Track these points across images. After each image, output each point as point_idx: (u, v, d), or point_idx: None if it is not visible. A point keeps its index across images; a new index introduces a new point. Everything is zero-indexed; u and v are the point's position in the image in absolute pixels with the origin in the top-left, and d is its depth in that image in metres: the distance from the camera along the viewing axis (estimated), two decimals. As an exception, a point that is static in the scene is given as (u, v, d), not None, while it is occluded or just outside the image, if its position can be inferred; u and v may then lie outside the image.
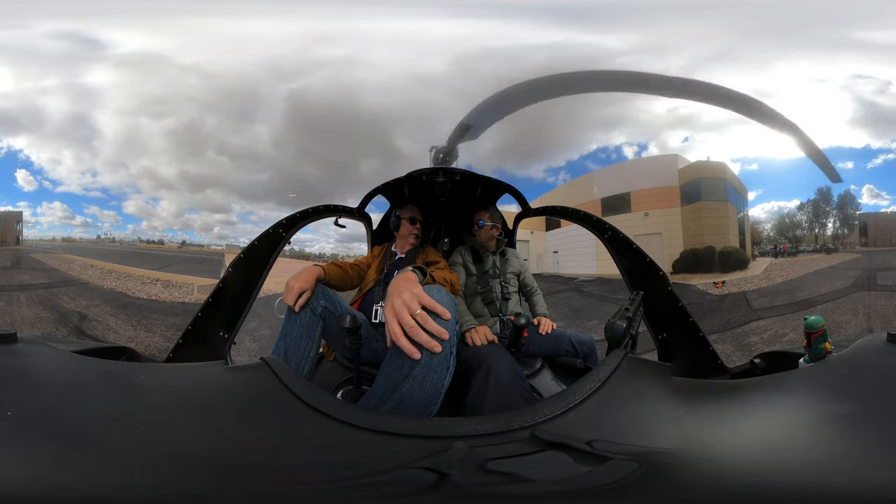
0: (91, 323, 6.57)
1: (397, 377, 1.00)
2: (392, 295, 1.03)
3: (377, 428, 0.73)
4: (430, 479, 0.56)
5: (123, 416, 0.72)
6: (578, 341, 2.03)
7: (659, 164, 10.92)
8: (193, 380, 0.96)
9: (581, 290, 9.11)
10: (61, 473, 0.55)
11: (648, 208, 10.15)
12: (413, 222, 2.13)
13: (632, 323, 1.20)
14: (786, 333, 5.92)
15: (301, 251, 9.32)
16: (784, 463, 0.58)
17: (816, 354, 1.13)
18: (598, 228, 2.15)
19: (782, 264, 9.48)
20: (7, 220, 9.84)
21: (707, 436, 0.73)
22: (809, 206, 10.37)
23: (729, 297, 7.98)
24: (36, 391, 0.76)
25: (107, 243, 11.95)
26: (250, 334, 4.92)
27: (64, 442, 0.62)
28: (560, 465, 0.63)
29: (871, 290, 7.37)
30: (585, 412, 0.78)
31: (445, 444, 0.65)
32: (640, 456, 0.61)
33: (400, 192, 2.31)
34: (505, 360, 1.47)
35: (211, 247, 12.57)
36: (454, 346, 1.02)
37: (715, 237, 9.58)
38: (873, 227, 9.53)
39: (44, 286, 7.89)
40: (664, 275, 1.92)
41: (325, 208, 2.17)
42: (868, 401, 0.72)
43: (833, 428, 0.66)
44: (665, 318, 1.86)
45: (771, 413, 0.77)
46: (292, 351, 1.48)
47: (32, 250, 9.83)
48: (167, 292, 8.22)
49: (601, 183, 10.97)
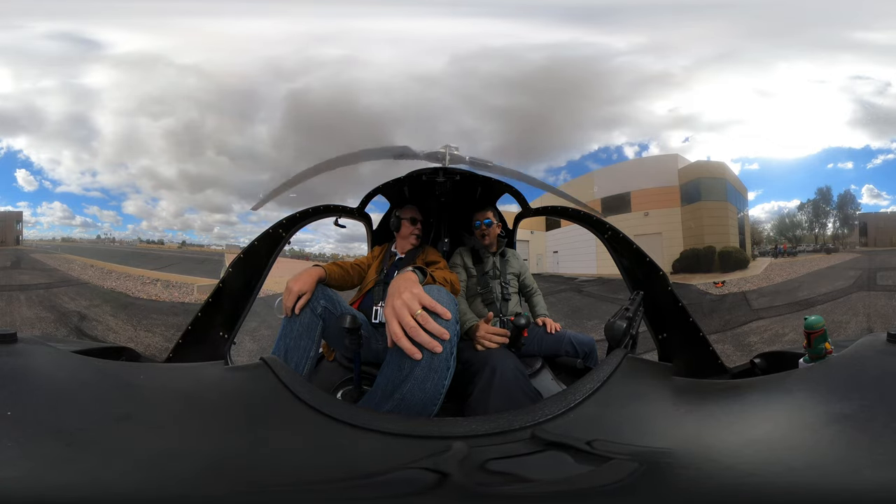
0: (91, 323, 6.57)
1: (398, 377, 1.00)
2: (392, 295, 1.03)
3: (377, 428, 0.72)
4: (430, 480, 0.56)
5: (123, 416, 0.72)
6: (578, 341, 2.03)
7: (659, 164, 10.93)
8: (193, 380, 0.96)
9: (581, 290, 9.11)
10: (61, 473, 0.55)
11: (648, 208, 10.15)
12: (414, 222, 2.13)
13: (632, 323, 1.20)
14: (786, 333, 5.92)
15: (301, 251, 9.32)
16: (784, 463, 0.58)
17: (816, 354, 1.13)
18: (598, 228, 2.15)
19: (782, 264, 9.48)
20: (7, 220, 9.85)
21: (707, 436, 0.73)
22: (809, 206, 10.38)
23: (729, 296, 7.99)
24: (36, 391, 0.76)
25: (107, 243, 11.95)
26: (250, 334, 4.92)
27: (64, 442, 0.62)
28: (560, 466, 0.63)
29: (871, 290, 7.37)
30: (585, 412, 0.78)
31: (445, 445, 0.65)
32: (641, 456, 0.61)
33: (400, 192, 2.31)
34: (509, 360, 1.47)
35: (211, 247, 12.58)
36: (455, 346, 1.02)
37: (715, 237, 9.58)
38: (873, 227, 9.53)
39: (44, 286, 7.89)
40: (664, 275, 1.92)
41: (325, 208, 2.17)
42: (868, 401, 0.72)
43: (833, 428, 0.66)
44: (665, 318, 1.85)
45: (771, 413, 0.77)
46: (292, 351, 1.48)
47: (32, 250, 9.83)
48: (167, 292, 8.22)
49: (601, 183, 10.97)
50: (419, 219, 2.15)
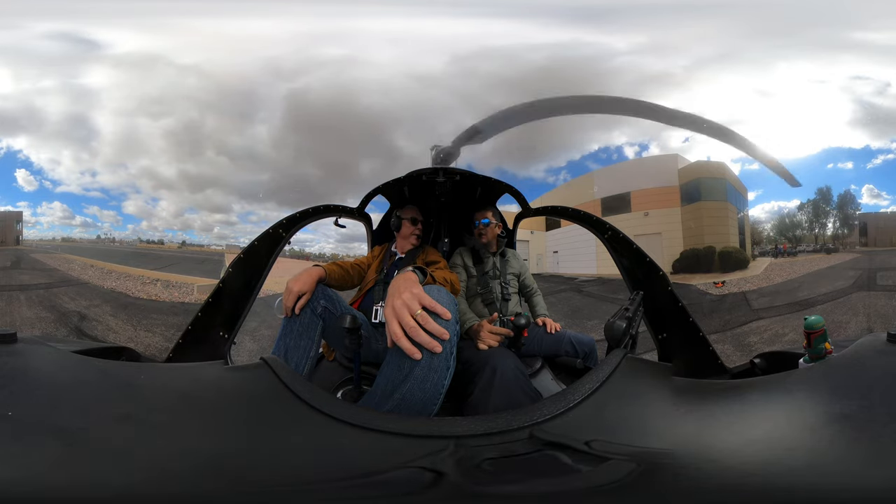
0: (91, 323, 6.57)
1: (398, 377, 1.00)
2: (392, 295, 1.03)
3: (377, 427, 0.72)
4: (429, 479, 0.56)
5: (123, 416, 0.72)
6: (578, 341, 2.03)
7: (659, 164, 10.91)
8: (193, 380, 0.96)
9: (581, 290, 9.11)
10: (61, 473, 0.55)
11: (648, 208, 10.14)
12: (414, 222, 2.13)
13: (632, 323, 1.20)
14: (786, 333, 5.92)
15: (301, 251, 9.30)
16: (784, 463, 0.58)
17: (816, 354, 1.13)
18: (598, 228, 2.15)
19: (782, 264, 9.47)
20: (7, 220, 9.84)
21: (707, 436, 0.73)
22: (809, 206, 10.37)
23: (729, 297, 7.98)
24: (36, 391, 0.76)
25: (107, 243, 11.95)
26: (250, 334, 4.91)
27: (64, 442, 0.62)
28: (558, 465, 0.63)
29: (871, 290, 7.37)
30: (585, 412, 0.78)
31: (444, 444, 0.65)
32: (640, 456, 0.61)
33: (400, 192, 2.31)
34: (509, 360, 1.47)
35: (211, 247, 12.57)
36: (455, 346, 1.02)
37: (715, 237, 9.57)
38: (873, 227, 9.53)
39: (44, 286, 7.89)
40: (664, 275, 1.92)
41: (325, 208, 2.17)
42: (868, 401, 0.72)
43: (833, 428, 0.66)
44: (665, 318, 1.86)
45: (771, 413, 0.77)
46: (292, 351, 1.48)
47: (32, 250, 9.83)
48: (167, 292, 8.22)
49: (601, 183, 10.96)
50: (420, 219, 2.15)
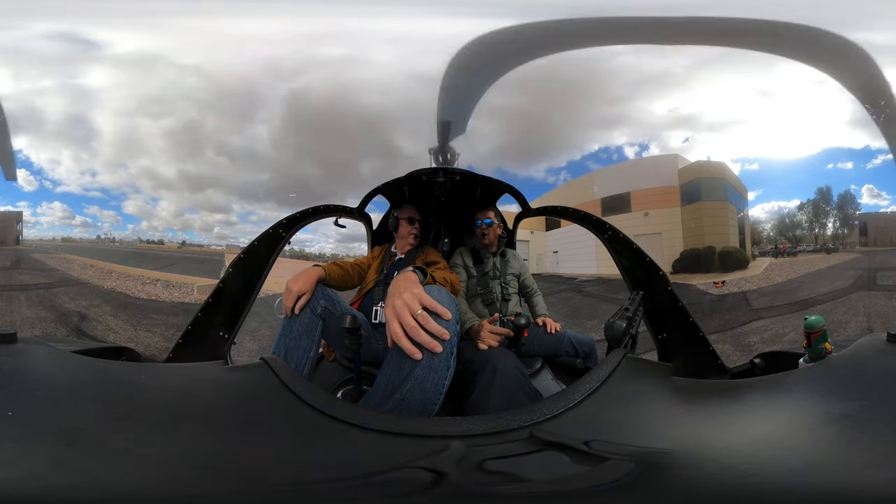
0: (91, 323, 6.56)
1: (398, 377, 1.00)
2: (393, 295, 1.03)
3: (377, 427, 0.72)
4: (428, 479, 0.56)
5: (123, 416, 0.72)
6: (578, 341, 2.03)
7: (659, 164, 10.90)
8: (193, 380, 0.96)
9: (581, 290, 9.09)
10: (61, 473, 0.55)
11: (648, 208, 10.13)
12: (412, 222, 2.13)
13: (632, 323, 1.20)
14: (786, 333, 5.90)
15: (301, 251, 9.29)
16: (784, 463, 0.58)
17: (816, 354, 1.13)
18: (598, 228, 2.15)
19: (782, 264, 9.45)
20: (7, 220, 9.82)
21: (707, 436, 0.73)
22: (809, 206, 10.34)
23: (729, 296, 7.97)
24: (36, 391, 0.76)
25: (107, 243, 11.92)
26: (250, 334, 4.91)
27: (64, 442, 0.62)
28: (558, 465, 0.63)
29: (871, 290, 7.36)
30: (584, 412, 0.78)
31: (443, 444, 0.65)
32: (640, 456, 0.61)
33: (400, 193, 2.31)
34: (509, 360, 1.47)
35: (211, 247, 12.54)
36: (455, 346, 1.02)
37: (715, 237, 9.55)
38: (873, 227, 9.51)
39: (44, 286, 7.87)
40: (664, 275, 1.92)
41: (325, 208, 2.17)
42: (868, 401, 0.72)
43: (833, 428, 0.66)
44: (665, 318, 1.86)
45: (771, 413, 0.77)
46: (292, 351, 1.48)
47: (32, 250, 9.80)
48: (167, 292, 8.20)
49: (601, 183, 10.95)
50: (417, 218, 2.15)
